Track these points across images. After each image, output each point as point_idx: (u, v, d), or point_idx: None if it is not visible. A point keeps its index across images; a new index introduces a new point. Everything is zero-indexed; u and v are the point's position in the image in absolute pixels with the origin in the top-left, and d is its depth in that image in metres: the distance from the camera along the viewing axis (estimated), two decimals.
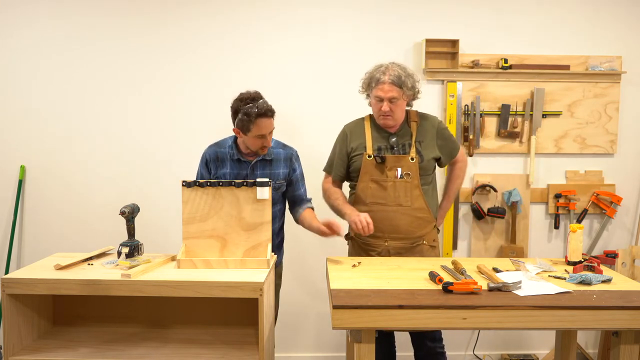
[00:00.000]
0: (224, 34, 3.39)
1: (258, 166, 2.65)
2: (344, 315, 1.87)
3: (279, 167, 2.68)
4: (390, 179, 2.61)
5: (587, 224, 3.57)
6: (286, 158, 2.70)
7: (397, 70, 2.56)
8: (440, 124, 2.75)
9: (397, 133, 2.67)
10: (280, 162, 2.68)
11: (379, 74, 2.56)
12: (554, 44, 3.44)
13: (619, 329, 1.93)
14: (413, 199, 2.61)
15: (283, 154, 2.69)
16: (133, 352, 2.21)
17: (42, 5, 3.35)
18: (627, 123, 3.51)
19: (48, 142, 3.42)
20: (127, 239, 2.42)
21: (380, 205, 2.62)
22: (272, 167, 2.67)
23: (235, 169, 2.66)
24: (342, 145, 2.76)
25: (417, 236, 2.64)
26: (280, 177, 2.66)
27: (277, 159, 2.67)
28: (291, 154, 2.72)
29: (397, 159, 2.61)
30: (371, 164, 2.64)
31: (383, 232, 2.62)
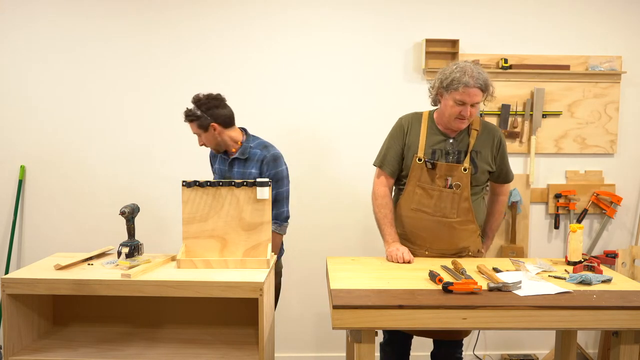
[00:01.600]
0: (223, 34, 3.39)
1: (235, 163, 2.72)
2: (344, 315, 1.87)
3: (252, 166, 2.68)
4: (438, 187, 2.46)
5: (587, 224, 3.57)
6: (258, 159, 2.68)
7: (483, 75, 2.38)
8: (501, 136, 2.56)
9: (455, 138, 2.50)
10: (253, 162, 2.68)
11: (466, 76, 2.34)
12: (554, 44, 3.44)
13: (619, 329, 1.93)
14: (460, 212, 2.47)
15: (258, 155, 2.69)
16: (133, 352, 2.21)
17: (42, 5, 3.35)
18: (627, 123, 3.51)
19: (48, 142, 3.42)
20: (127, 239, 2.42)
21: (423, 213, 2.50)
22: (246, 166, 2.69)
23: (222, 164, 2.78)
24: (399, 138, 2.56)
25: (461, 247, 2.54)
26: (251, 177, 2.66)
27: (252, 158, 2.69)
28: (264, 157, 2.67)
29: (449, 167, 2.45)
30: (420, 168, 2.49)
31: (424, 240, 2.53)
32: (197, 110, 2.61)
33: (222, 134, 2.66)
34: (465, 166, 2.45)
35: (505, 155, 2.60)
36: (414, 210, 2.52)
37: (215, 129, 2.63)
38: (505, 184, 2.68)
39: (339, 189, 3.48)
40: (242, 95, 3.43)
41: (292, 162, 3.46)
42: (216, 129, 2.63)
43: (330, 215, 3.50)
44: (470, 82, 2.34)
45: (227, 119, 2.67)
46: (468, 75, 2.34)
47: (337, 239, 3.50)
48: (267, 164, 2.66)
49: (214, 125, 2.62)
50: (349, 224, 3.50)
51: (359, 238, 3.50)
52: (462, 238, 2.52)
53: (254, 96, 3.42)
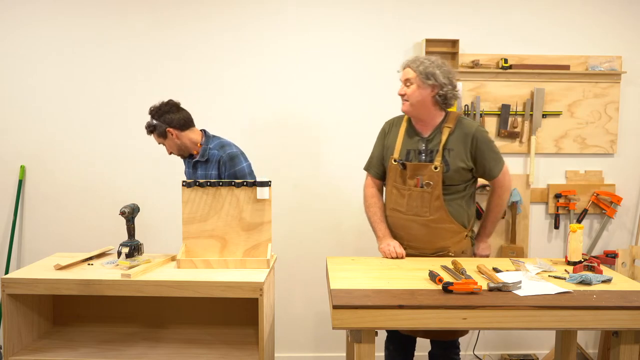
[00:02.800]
0: (223, 34, 3.39)
1: (198, 166, 2.75)
2: (344, 315, 1.87)
3: (211, 168, 2.71)
4: (408, 187, 2.49)
5: (587, 224, 3.57)
6: (216, 160, 2.70)
7: (425, 61, 2.46)
8: (478, 131, 2.49)
9: (428, 138, 2.51)
10: (213, 163, 2.71)
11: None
12: (554, 44, 3.44)
13: (619, 329, 1.93)
14: (432, 210, 2.47)
15: (216, 155, 2.70)
16: (133, 352, 2.21)
17: (42, 5, 3.35)
18: (627, 123, 3.51)
19: (48, 142, 3.42)
20: (127, 239, 2.42)
21: (399, 212, 2.55)
22: (207, 168, 2.72)
23: (188, 167, 2.82)
24: (380, 142, 2.66)
25: (440, 247, 2.52)
26: (212, 178, 2.68)
27: (211, 160, 2.72)
28: (220, 157, 2.69)
29: (418, 167, 2.48)
30: (395, 169, 2.54)
31: (402, 239, 2.57)
32: (152, 120, 2.69)
33: (180, 138, 2.70)
34: (436, 164, 2.45)
35: (484, 150, 2.48)
36: (392, 209, 2.58)
37: (173, 134, 2.68)
38: (492, 179, 2.57)
39: (338, 188, 3.48)
40: (242, 96, 3.43)
41: (292, 162, 3.47)
42: (173, 134, 2.68)
43: (330, 215, 3.50)
44: (404, 63, 2.52)
45: (182, 121, 2.70)
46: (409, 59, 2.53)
47: (337, 238, 3.50)
48: (224, 165, 2.68)
49: (170, 130, 2.67)
50: (348, 224, 3.50)
51: (359, 238, 3.50)
52: (439, 237, 2.51)
53: (253, 96, 3.42)
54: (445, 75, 2.45)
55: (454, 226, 2.50)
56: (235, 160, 2.69)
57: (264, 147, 3.44)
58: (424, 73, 2.43)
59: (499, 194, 2.62)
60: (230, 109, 3.43)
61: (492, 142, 2.54)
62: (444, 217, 2.48)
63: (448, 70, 2.47)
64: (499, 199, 2.62)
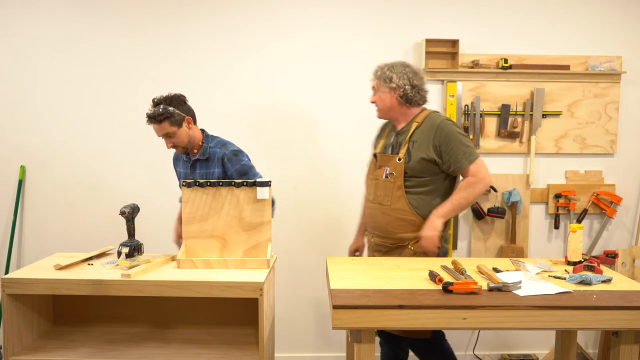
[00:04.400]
0: (223, 33, 3.39)
1: (197, 165, 2.71)
2: (344, 315, 1.87)
3: (214, 166, 2.68)
4: (376, 177, 2.66)
5: (587, 224, 3.57)
6: (219, 158, 2.67)
7: (382, 65, 2.65)
8: (443, 122, 2.53)
9: (398, 132, 2.65)
10: (215, 161, 2.68)
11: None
12: (554, 44, 3.44)
13: (619, 329, 1.93)
14: (394, 200, 2.55)
15: (218, 153, 2.68)
16: (133, 352, 2.21)
17: (42, 5, 3.35)
18: (627, 123, 3.51)
19: (48, 142, 3.42)
20: (127, 239, 2.42)
21: (369, 201, 2.73)
22: (208, 166, 2.69)
23: (184, 167, 2.76)
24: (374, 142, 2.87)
25: (399, 238, 2.57)
26: (215, 176, 2.65)
27: (212, 158, 2.68)
28: (223, 154, 2.66)
29: (386, 158, 2.62)
30: (372, 161, 2.74)
31: (370, 226, 2.73)
32: (169, 107, 2.56)
33: (193, 130, 2.65)
34: (400, 156, 2.55)
35: (449, 142, 2.49)
36: (366, 199, 2.80)
37: (190, 124, 2.62)
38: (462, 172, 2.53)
39: (338, 188, 3.48)
40: (242, 95, 3.43)
41: (292, 162, 3.47)
42: (190, 124, 2.62)
43: (330, 215, 3.50)
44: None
45: (194, 114, 2.69)
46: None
47: (337, 238, 3.50)
48: (229, 161, 2.66)
49: (189, 119, 2.61)
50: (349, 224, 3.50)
51: None
52: (398, 227, 2.56)
53: (253, 96, 3.42)
54: (402, 76, 2.58)
55: (415, 219, 2.53)
56: (240, 155, 2.69)
57: (264, 147, 3.44)
58: (382, 78, 2.61)
59: (468, 181, 2.52)
60: (231, 109, 3.43)
61: (458, 134, 2.52)
62: (405, 208, 2.55)
63: (406, 72, 2.59)
64: (466, 183, 2.51)
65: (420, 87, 2.62)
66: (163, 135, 2.60)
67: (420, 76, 2.64)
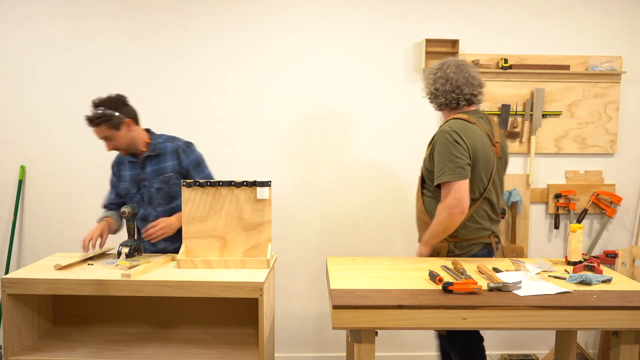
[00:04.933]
0: (223, 34, 3.39)
1: (147, 162, 2.65)
2: (344, 315, 1.87)
3: (166, 160, 2.64)
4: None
5: (587, 224, 3.57)
6: (172, 151, 2.64)
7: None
8: (439, 133, 2.45)
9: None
10: (167, 155, 2.64)
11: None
12: (554, 44, 3.44)
13: (619, 329, 1.93)
14: (417, 200, 2.63)
15: (170, 147, 2.65)
16: (133, 352, 2.21)
17: (42, 5, 3.35)
18: (627, 123, 3.51)
19: (48, 142, 3.42)
20: (127, 239, 2.42)
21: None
22: (160, 162, 2.64)
23: (132, 169, 2.68)
24: None
25: (421, 236, 2.62)
26: (169, 170, 2.62)
27: (164, 152, 2.64)
28: (177, 146, 2.64)
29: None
30: None
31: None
32: (107, 110, 2.52)
33: (133, 131, 2.59)
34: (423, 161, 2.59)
35: (436, 153, 2.42)
36: None
37: (129, 126, 2.57)
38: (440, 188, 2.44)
39: (338, 188, 3.48)
40: (241, 96, 3.43)
41: (292, 161, 3.47)
42: (129, 126, 2.57)
43: (330, 215, 3.50)
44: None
45: (136, 115, 2.64)
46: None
47: (337, 238, 3.50)
48: (183, 152, 2.64)
49: (128, 122, 2.56)
50: (349, 224, 3.50)
51: (359, 238, 3.50)
52: (420, 226, 2.62)
53: (252, 97, 3.42)
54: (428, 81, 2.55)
55: (428, 220, 2.53)
56: (192, 147, 2.68)
57: (264, 147, 3.45)
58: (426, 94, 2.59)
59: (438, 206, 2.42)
60: (231, 109, 3.43)
61: (444, 147, 2.39)
62: (420, 208, 2.60)
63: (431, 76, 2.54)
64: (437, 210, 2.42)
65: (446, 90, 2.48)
66: (102, 138, 2.55)
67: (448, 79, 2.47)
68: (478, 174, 2.43)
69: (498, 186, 2.55)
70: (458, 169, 2.35)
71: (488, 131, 2.48)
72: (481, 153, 2.42)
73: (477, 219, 2.48)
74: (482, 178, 2.45)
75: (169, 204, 2.62)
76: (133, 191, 2.65)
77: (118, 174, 2.73)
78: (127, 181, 2.67)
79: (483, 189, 2.46)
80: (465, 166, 2.36)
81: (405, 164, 3.46)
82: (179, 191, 2.56)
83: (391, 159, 3.47)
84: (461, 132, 2.39)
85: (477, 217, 2.48)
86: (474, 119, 2.46)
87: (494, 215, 2.55)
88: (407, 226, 3.47)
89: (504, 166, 2.59)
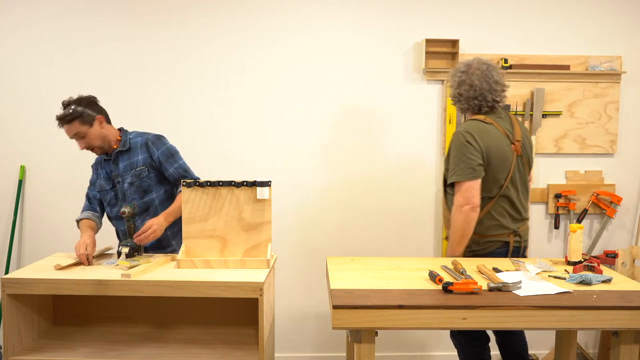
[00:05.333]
0: (223, 35, 3.39)
1: (118, 158, 2.67)
2: (344, 315, 1.87)
3: (137, 154, 2.65)
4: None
5: (587, 224, 3.57)
6: (142, 144, 2.66)
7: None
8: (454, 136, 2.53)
9: None
10: (137, 149, 2.66)
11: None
12: (554, 44, 3.44)
13: (619, 329, 1.93)
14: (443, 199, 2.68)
15: (140, 141, 2.67)
16: (133, 352, 2.21)
17: (42, 5, 3.35)
18: (627, 123, 3.51)
19: (48, 142, 3.42)
20: (127, 239, 2.42)
21: None
22: (131, 156, 2.66)
23: (107, 166, 2.70)
24: None
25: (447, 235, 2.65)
26: (140, 164, 2.64)
27: (134, 147, 2.66)
28: (146, 139, 2.66)
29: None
30: None
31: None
32: (78, 107, 2.54)
33: (105, 128, 2.62)
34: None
35: (450, 155, 2.52)
36: None
37: (101, 122, 2.59)
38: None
39: (338, 188, 3.48)
40: (241, 96, 3.43)
41: (292, 161, 3.47)
42: (102, 122, 2.59)
43: (330, 215, 3.50)
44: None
45: (107, 114, 2.67)
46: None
47: (337, 238, 3.50)
48: (153, 144, 2.65)
49: (100, 118, 2.58)
50: (348, 224, 3.50)
51: (359, 238, 3.50)
52: (446, 223, 2.67)
53: (252, 97, 3.42)
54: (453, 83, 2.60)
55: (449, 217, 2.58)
56: (163, 139, 2.69)
57: (264, 146, 3.44)
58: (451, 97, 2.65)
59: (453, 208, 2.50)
60: (230, 109, 3.43)
61: (457, 148, 2.47)
62: (444, 205, 2.65)
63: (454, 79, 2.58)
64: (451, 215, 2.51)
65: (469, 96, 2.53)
66: (74, 136, 2.56)
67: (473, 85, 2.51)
68: (493, 173, 2.50)
69: (519, 184, 2.59)
70: (469, 170, 2.43)
71: (507, 130, 2.55)
72: (496, 152, 2.48)
73: (494, 216, 2.55)
74: (497, 176, 2.51)
75: (143, 198, 2.64)
76: (107, 188, 2.68)
77: (97, 171, 2.76)
78: (102, 179, 2.71)
79: (499, 187, 2.52)
80: (476, 167, 2.44)
81: (404, 164, 3.46)
82: (152, 184, 2.63)
83: (391, 159, 3.47)
84: (475, 133, 2.47)
85: (495, 214, 2.55)
86: (491, 119, 2.54)
87: (515, 213, 2.60)
88: (407, 226, 3.47)
89: (527, 164, 2.64)
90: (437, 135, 3.46)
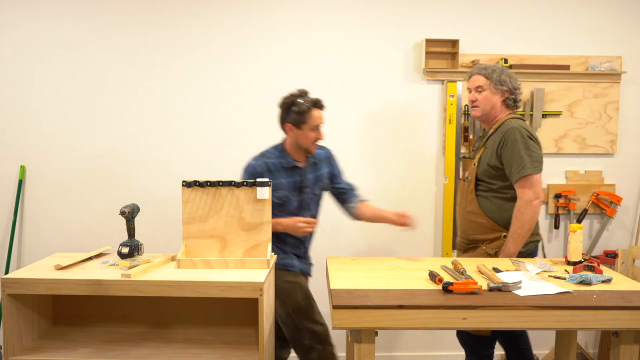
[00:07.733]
0: (223, 34, 3.39)
1: (309, 170, 2.71)
2: (344, 315, 1.87)
3: (323, 167, 2.76)
4: (460, 180, 2.81)
5: (587, 224, 3.57)
6: (326, 157, 2.79)
7: (486, 64, 2.72)
8: (511, 129, 2.52)
9: (482, 136, 2.75)
10: (323, 162, 2.76)
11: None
12: (554, 44, 3.44)
13: (619, 329, 1.93)
14: (467, 202, 2.66)
15: (323, 154, 2.78)
16: (133, 352, 2.21)
17: (42, 5, 3.35)
18: (627, 123, 3.51)
19: (48, 142, 3.42)
20: (127, 239, 2.42)
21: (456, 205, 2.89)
22: (318, 169, 2.74)
23: (290, 176, 2.66)
24: None
25: (472, 239, 2.66)
26: (324, 177, 2.76)
27: (320, 159, 2.76)
28: (329, 152, 2.82)
29: (467, 162, 2.76)
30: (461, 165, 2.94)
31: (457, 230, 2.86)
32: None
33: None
34: (475, 161, 2.65)
35: (509, 149, 2.51)
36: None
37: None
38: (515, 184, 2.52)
39: None
40: (241, 97, 3.43)
41: None
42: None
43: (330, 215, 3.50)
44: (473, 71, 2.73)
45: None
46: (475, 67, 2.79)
47: (337, 238, 3.50)
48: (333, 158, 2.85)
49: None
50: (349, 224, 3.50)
51: (359, 238, 3.50)
52: (471, 229, 2.66)
53: (252, 97, 3.42)
54: (513, 80, 2.65)
55: (484, 221, 2.59)
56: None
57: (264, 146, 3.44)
58: (495, 79, 2.61)
59: (517, 206, 2.52)
60: (230, 109, 3.43)
61: (521, 143, 2.49)
62: (476, 210, 2.62)
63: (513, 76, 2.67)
64: (517, 211, 2.51)
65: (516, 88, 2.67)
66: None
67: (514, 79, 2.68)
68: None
69: None
70: (537, 163, 2.50)
71: None
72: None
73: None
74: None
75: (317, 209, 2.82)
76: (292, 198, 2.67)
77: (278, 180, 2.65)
78: (284, 188, 2.65)
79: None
80: (541, 160, 2.53)
81: (404, 164, 3.46)
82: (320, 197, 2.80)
83: (390, 159, 3.47)
84: (529, 129, 2.57)
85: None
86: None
87: None
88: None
89: None
90: (436, 136, 3.46)
